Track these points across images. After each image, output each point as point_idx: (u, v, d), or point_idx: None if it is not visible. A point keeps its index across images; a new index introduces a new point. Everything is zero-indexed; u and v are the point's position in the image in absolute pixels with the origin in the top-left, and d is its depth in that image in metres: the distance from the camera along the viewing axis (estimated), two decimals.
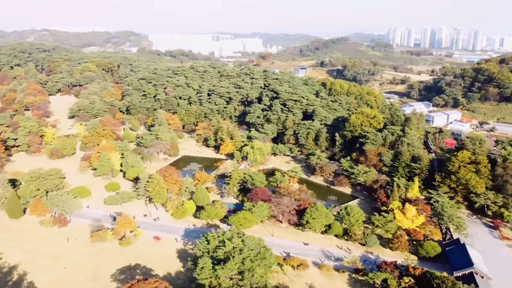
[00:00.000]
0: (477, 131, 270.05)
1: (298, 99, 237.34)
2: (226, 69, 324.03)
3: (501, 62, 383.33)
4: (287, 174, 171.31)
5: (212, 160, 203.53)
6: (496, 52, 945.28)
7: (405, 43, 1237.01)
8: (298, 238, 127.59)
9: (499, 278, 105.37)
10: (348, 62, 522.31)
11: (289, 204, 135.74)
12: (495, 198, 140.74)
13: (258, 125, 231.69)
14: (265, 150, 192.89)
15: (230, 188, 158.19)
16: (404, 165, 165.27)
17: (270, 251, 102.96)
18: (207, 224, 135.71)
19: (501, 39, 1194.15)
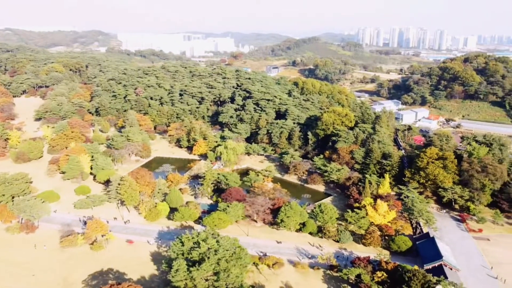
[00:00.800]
0: (444, 128, 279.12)
1: (271, 98, 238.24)
2: (198, 69, 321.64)
3: (465, 61, 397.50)
4: (261, 174, 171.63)
5: (185, 161, 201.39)
6: (460, 51, 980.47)
7: (374, 43, 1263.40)
8: (273, 237, 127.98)
9: (466, 269, 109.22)
10: (319, 61, 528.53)
11: (264, 203, 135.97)
12: (461, 192, 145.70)
13: (231, 125, 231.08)
14: (238, 150, 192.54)
15: (204, 189, 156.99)
16: (375, 162, 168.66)
17: (245, 251, 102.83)
18: (181, 226, 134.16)
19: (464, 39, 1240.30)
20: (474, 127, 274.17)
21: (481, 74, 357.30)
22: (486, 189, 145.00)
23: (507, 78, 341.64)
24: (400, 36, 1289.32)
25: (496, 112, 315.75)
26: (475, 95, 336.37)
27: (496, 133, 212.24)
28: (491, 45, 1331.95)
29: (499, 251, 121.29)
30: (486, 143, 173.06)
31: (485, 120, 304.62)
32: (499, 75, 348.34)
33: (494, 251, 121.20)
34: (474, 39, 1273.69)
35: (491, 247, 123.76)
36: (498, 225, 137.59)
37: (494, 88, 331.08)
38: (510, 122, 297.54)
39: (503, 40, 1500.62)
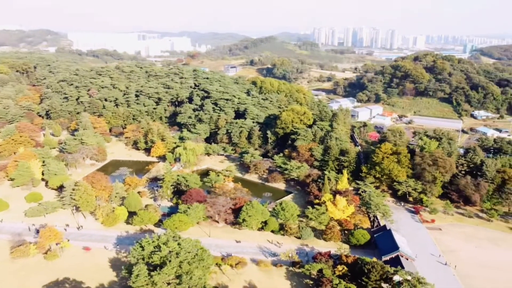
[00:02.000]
0: (397, 124, 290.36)
1: (229, 98, 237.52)
2: (154, 69, 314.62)
3: (415, 60, 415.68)
4: (222, 174, 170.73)
5: (143, 164, 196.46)
6: (410, 50, 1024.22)
7: (329, 42, 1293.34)
8: (235, 236, 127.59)
9: (421, 258, 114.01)
10: (277, 60, 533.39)
11: (225, 204, 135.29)
12: (415, 185, 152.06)
13: (190, 126, 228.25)
14: (198, 151, 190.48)
15: (164, 191, 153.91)
16: (333, 158, 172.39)
17: (208, 252, 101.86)
18: (140, 230, 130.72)
19: (414, 38, 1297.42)
20: (424, 123, 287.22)
21: (430, 72, 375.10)
22: (437, 181, 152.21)
23: (453, 75, 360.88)
24: (354, 35, 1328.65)
25: (445, 108, 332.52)
26: (425, 92, 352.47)
27: (445, 128, 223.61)
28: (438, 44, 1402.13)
29: (450, 239, 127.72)
30: (436, 137, 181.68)
31: (435, 115, 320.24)
32: (446, 72, 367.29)
33: (445, 239, 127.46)
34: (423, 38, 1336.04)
35: (443, 236, 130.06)
36: (448, 215, 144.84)
37: (442, 85, 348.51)
38: (457, 117, 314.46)
39: (448, 40, 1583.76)
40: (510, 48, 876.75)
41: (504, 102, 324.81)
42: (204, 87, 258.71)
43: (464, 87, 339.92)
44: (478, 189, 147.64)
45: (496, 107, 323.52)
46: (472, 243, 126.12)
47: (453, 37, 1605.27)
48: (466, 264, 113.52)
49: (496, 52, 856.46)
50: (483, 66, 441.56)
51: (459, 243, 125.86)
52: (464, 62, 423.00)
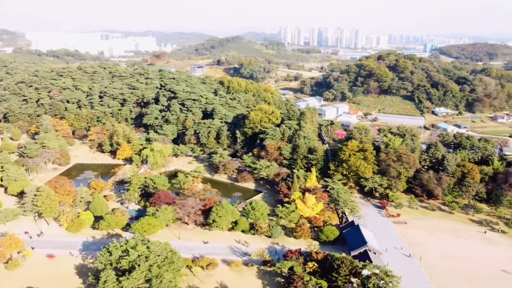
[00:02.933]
0: (363, 121, 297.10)
1: (196, 98, 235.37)
2: (118, 69, 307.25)
3: (378, 59, 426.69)
4: (190, 175, 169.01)
5: (108, 166, 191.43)
6: (374, 49, 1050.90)
7: (295, 42, 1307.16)
8: (206, 237, 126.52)
9: (388, 251, 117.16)
10: (244, 60, 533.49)
11: (194, 205, 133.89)
12: (381, 181, 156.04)
13: (157, 127, 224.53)
14: (165, 152, 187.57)
15: (131, 194, 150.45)
16: (302, 157, 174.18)
17: (178, 255, 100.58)
18: (107, 235, 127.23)
19: (377, 38, 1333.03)
20: (389, 120, 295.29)
21: (393, 71, 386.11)
22: (401, 176, 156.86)
23: (415, 74, 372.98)
24: (319, 35, 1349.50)
25: (407, 106, 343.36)
26: (389, 90, 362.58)
27: (408, 125, 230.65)
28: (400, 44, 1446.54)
29: (415, 232, 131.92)
30: (400, 134, 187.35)
31: (398, 113, 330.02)
32: (408, 71, 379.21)
33: (411, 233, 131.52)
34: (386, 38, 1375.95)
35: (408, 229, 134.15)
36: (413, 209, 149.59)
37: (405, 84, 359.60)
38: (419, 114, 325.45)
39: (410, 39, 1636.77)
40: (467, 48, 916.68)
41: (462, 99, 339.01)
42: (171, 87, 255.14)
43: (425, 85, 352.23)
44: (440, 183, 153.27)
45: (455, 104, 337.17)
46: (435, 235, 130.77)
47: (414, 36, 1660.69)
48: (430, 255, 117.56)
49: (454, 51, 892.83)
50: (443, 65, 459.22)
51: (424, 235, 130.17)
52: (425, 61, 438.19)
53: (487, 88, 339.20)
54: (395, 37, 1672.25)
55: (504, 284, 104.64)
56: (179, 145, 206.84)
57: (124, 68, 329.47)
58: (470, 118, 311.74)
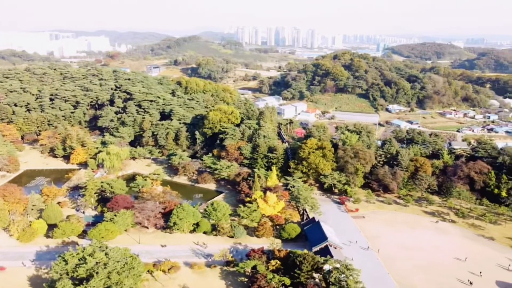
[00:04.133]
0: (321, 119, 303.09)
1: (153, 99, 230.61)
2: (70, 71, 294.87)
3: (334, 58, 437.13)
4: (149, 178, 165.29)
5: (62, 172, 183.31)
6: (329, 49, 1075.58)
7: (253, 41, 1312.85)
8: (167, 241, 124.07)
9: (347, 245, 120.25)
10: (201, 60, 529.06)
11: (154, 208, 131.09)
12: (339, 177, 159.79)
13: (113, 129, 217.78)
14: (122, 155, 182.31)
15: (87, 200, 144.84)
16: (262, 156, 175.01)
17: (138, 260, 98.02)
18: (63, 243, 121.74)
19: (332, 38, 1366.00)
20: (345, 118, 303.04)
21: (348, 70, 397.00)
22: (359, 172, 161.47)
23: (369, 72, 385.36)
24: (276, 35, 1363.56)
25: (362, 103, 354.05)
26: (345, 88, 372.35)
27: (364, 122, 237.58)
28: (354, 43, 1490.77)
29: (373, 226, 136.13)
30: (356, 131, 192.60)
31: (354, 110, 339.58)
32: (363, 70, 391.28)
33: (369, 226, 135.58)
34: (340, 38, 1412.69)
35: (366, 223, 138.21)
36: (370, 203, 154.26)
37: (360, 82, 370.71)
38: (374, 111, 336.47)
39: (363, 39, 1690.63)
40: (417, 47, 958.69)
41: (414, 96, 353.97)
42: (126, 88, 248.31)
43: (379, 83, 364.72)
44: (395, 177, 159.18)
45: (407, 101, 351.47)
46: (392, 227, 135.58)
47: (367, 36, 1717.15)
48: (387, 247, 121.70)
49: (405, 50, 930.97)
50: (395, 64, 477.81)
51: (381, 228, 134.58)
52: (378, 60, 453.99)
53: (436, 86, 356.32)
54: (350, 37, 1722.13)
55: (455, 270, 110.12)
56: (137, 148, 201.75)
57: (76, 69, 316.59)
58: (421, 114, 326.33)
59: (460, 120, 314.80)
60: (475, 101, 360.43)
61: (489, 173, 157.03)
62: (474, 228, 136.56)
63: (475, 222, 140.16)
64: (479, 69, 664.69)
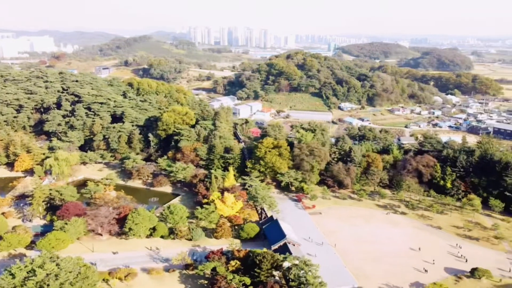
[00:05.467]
0: (276, 119, 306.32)
1: (104, 101, 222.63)
2: (12, 73, 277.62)
3: (287, 58, 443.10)
4: (102, 183, 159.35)
5: (5, 180, 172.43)
6: (282, 49, 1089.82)
7: (206, 41, 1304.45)
8: (123, 247, 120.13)
9: (305, 242, 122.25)
10: (153, 60, 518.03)
11: (108, 214, 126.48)
12: (296, 175, 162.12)
13: (61, 134, 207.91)
14: (72, 160, 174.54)
15: (34, 209, 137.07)
16: (218, 157, 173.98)
17: (93, 269, 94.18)
18: (9, 256, 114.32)
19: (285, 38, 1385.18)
20: (300, 116, 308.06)
21: (301, 69, 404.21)
22: (314, 169, 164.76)
23: (321, 72, 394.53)
24: (229, 35, 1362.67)
25: (316, 102, 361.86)
26: (298, 87, 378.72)
27: (318, 120, 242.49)
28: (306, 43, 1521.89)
29: (329, 221, 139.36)
30: (311, 129, 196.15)
31: (308, 109, 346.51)
32: (315, 69, 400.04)
33: (326, 222, 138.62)
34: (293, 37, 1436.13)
35: (323, 219, 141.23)
36: (326, 199, 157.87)
37: (312, 81, 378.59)
38: (327, 110, 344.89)
39: (315, 39, 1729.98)
40: (366, 47, 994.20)
41: (364, 94, 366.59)
42: (74, 90, 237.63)
43: (331, 82, 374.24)
44: (349, 173, 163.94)
45: (358, 99, 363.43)
46: (347, 222, 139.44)
47: (318, 36, 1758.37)
48: (344, 241, 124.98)
49: (355, 50, 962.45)
50: (345, 63, 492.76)
51: (337, 223, 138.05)
52: (329, 59, 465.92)
53: (385, 84, 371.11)
54: (302, 36, 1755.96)
55: (409, 259, 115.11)
56: (87, 152, 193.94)
57: (18, 71, 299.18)
58: (372, 111, 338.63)
59: (407, 116, 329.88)
60: (421, 98, 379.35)
61: (435, 166, 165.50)
62: (423, 218, 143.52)
63: (424, 213, 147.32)
64: (423, 67, 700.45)
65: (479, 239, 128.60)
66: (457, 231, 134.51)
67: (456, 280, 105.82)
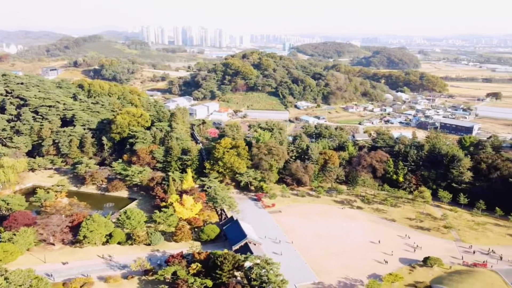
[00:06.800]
0: (233, 119, 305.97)
1: (52, 104, 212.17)
2: None
3: (243, 57, 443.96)
4: (52, 190, 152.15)
5: None
6: (238, 48, 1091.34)
7: (160, 41, 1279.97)
8: (77, 256, 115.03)
9: (266, 240, 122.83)
10: (105, 61, 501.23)
11: (60, 223, 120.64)
12: (255, 175, 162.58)
13: (6, 139, 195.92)
14: (19, 167, 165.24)
15: None
16: (176, 158, 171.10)
17: (45, 280, 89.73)
18: None
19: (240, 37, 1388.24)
20: (257, 116, 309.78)
21: (257, 69, 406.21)
22: (273, 168, 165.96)
23: (277, 71, 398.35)
24: (183, 34, 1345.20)
25: (273, 101, 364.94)
26: (255, 87, 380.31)
27: (275, 119, 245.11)
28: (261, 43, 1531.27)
29: (289, 219, 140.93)
30: (268, 128, 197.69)
31: (265, 108, 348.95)
32: (271, 69, 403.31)
33: (286, 220, 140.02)
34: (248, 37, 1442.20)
35: (283, 217, 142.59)
36: (286, 197, 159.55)
37: (269, 80, 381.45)
38: (284, 109, 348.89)
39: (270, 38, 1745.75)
40: (319, 46, 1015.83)
41: (319, 93, 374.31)
42: (19, 93, 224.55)
43: (287, 81, 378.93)
44: (307, 170, 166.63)
45: (314, 98, 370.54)
46: (307, 219, 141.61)
47: (273, 36, 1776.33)
48: (304, 238, 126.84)
49: (309, 49, 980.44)
50: (300, 62, 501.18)
51: (297, 221, 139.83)
52: (285, 59, 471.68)
53: (338, 82, 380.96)
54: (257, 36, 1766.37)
55: (366, 252, 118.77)
56: (36, 158, 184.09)
57: None
58: (327, 109, 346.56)
59: (361, 113, 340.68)
60: (373, 95, 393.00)
61: (388, 161, 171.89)
62: (378, 212, 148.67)
63: (378, 207, 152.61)
64: (374, 66, 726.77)
65: (430, 229, 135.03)
66: (410, 222, 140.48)
67: (410, 270, 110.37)
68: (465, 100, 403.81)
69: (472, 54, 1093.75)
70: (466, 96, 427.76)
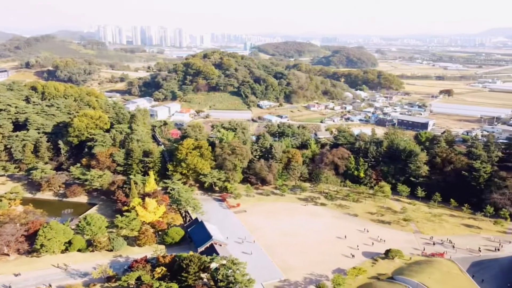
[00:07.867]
0: (196, 119, 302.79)
1: (3, 108, 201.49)
2: None
3: (204, 57, 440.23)
4: (5, 197, 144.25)
5: None
6: (199, 48, 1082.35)
7: (117, 41, 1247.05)
8: (35, 266, 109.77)
9: (232, 241, 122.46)
10: (59, 62, 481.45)
11: (14, 232, 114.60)
12: (219, 175, 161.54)
13: None
14: None
15: None
16: (137, 161, 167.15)
17: None
18: None
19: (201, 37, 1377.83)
20: (220, 116, 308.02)
21: (219, 68, 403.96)
22: (237, 168, 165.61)
23: (239, 71, 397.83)
24: (142, 34, 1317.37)
25: (235, 101, 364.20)
26: (217, 87, 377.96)
27: (238, 119, 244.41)
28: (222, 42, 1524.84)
29: (254, 218, 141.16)
30: (231, 128, 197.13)
31: (228, 108, 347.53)
32: (233, 68, 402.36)
33: (251, 219, 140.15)
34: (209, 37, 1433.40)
35: (248, 217, 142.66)
36: (251, 197, 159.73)
37: (231, 80, 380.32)
38: (247, 108, 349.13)
39: (231, 38, 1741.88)
40: (280, 46, 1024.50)
41: (281, 92, 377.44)
42: None
43: (249, 81, 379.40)
44: (271, 169, 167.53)
45: (276, 97, 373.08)
46: (272, 217, 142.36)
47: (234, 35, 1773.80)
48: (270, 237, 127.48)
49: (270, 49, 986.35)
50: (262, 62, 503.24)
51: (262, 220, 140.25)
52: (246, 58, 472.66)
53: (300, 81, 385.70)
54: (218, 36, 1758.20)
55: (331, 247, 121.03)
56: None
57: None
58: (289, 108, 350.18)
59: (322, 112, 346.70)
60: (333, 94, 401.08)
61: (349, 158, 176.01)
62: (341, 208, 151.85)
63: (341, 203, 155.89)
64: (334, 65, 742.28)
65: (390, 223, 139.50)
66: (371, 217, 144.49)
67: (373, 263, 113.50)
68: (420, 97, 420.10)
69: (426, 53, 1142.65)
70: (421, 93, 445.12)
